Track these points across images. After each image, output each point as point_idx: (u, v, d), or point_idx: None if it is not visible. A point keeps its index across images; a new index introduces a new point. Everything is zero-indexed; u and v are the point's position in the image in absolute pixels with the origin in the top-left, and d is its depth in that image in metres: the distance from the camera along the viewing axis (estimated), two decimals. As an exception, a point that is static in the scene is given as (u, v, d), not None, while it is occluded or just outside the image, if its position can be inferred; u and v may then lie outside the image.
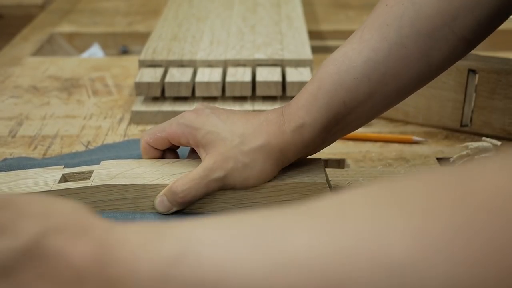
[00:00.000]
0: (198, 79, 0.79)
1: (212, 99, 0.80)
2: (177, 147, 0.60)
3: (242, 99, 0.80)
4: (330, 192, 0.57)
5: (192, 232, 0.32)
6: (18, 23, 1.27)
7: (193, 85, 0.79)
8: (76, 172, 0.59)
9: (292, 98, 0.56)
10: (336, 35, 1.14)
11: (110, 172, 0.57)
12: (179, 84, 0.78)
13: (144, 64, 0.82)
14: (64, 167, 0.60)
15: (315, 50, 1.04)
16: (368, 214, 0.29)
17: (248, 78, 0.79)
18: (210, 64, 0.82)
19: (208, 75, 0.79)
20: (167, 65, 0.82)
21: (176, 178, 0.56)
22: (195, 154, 0.59)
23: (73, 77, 0.94)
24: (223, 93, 0.80)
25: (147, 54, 0.84)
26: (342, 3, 1.32)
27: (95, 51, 1.13)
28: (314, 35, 1.11)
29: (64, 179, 0.59)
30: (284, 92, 0.80)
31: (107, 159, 0.62)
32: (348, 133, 0.58)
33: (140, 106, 0.79)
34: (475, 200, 0.26)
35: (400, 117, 0.78)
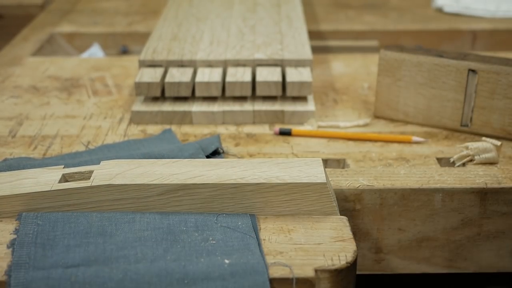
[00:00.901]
0: (198, 79, 0.79)
1: (212, 99, 0.80)
2: None
3: (242, 99, 0.80)
4: (330, 192, 0.57)
5: None
6: (18, 23, 1.27)
7: (193, 85, 0.79)
8: (76, 172, 0.59)
9: (292, 98, 0.56)
10: (336, 35, 1.14)
11: (110, 172, 0.58)
12: (179, 84, 0.78)
13: (144, 64, 0.82)
14: (64, 167, 0.60)
15: (315, 50, 1.04)
16: None
17: (248, 78, 0.79)
18: (210, 64, 0.82)
19: (208, 75, 0.79)
20: (167, 65, 0.82)
21: (176, 178, 0.56)
22: None
23: (73, 77, 0.94)
24: (223, 93, 0.80)
25: (147, 54, 0.84)
26: (342, 3, 1.32)
27: (95, 51, 1.13)
28: (314, 35, 1.11)
29: (64, 179, 0.59)
30: (284, 92, 0.80)
31: (107, 159, 0.62)
32: None
33: (140, 106, 0.79)
34: None
35: (400, 117, 0.78)
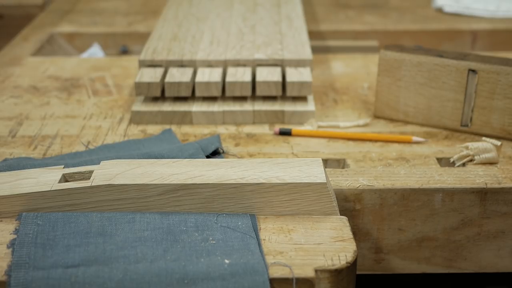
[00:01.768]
0: (198, 79, 0.79)
1: (212, 99, 0.80)
2: None
3: (242, 99, 0.80)
4: (330, 192, 0.57)
5: None
6: (18, 23, 1.27)
7: (193, 85, 0.79)
8: (76, 172, 0.59)
9: (292, 98, 0.56)
10: (336, 35, 1.14)
11: (110, 172, 0.58)
12: (179, 84, 0.78)
13: (144, 64, 0.82)
14: (64, 167, 0.60)
15: (315, 50, 1.04)
16: None
17: (248, 78, 0.79)
18: (210, 64, 0.82)
19: (208, 75, 0.79)
20: (167, 65, 0.82)
21: (176, 178, 0.56)
22: None
23: (73, 77, 0.94)
24: (223, 93, 0.80)
25: (147, 54, 0.84)
26: (342, 3, 1.32)
27: (95, 51, 1.13)
28: (314, 35, 1.11)
29: (64, 179, 0.59)
30: (284, 92, 0.80)
31: (107, 159, 0.62)
32: None
33: (140, 106, 0.79)
34: None
35: (400, 117, 0.78)
